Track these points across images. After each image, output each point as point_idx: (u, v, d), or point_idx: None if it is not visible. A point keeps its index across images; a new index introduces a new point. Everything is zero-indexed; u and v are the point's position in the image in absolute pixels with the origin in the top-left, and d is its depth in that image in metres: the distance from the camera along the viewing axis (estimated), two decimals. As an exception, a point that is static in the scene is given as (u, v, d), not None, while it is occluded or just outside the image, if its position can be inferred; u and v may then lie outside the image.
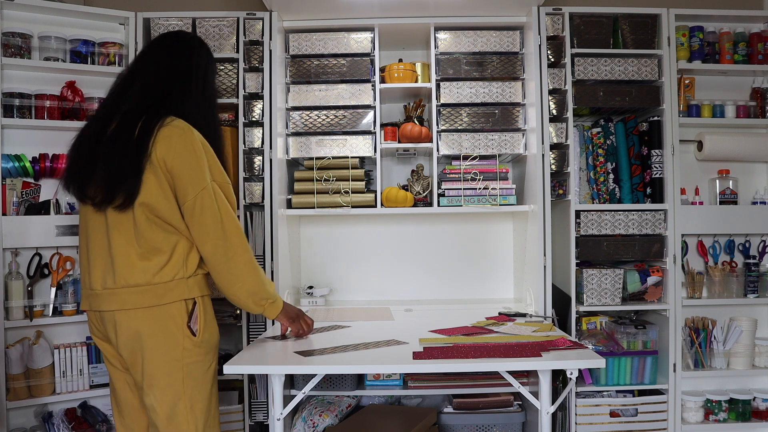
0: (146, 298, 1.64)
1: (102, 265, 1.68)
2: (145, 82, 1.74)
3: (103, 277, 1.67)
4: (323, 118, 2.58)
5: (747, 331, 2.56)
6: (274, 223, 2.45)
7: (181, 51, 1.81)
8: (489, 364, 1.66)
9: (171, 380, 1.66)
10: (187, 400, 1.67)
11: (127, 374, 1.76)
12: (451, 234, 2.89)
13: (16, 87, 2.36)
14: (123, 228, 1.66)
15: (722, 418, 2.53)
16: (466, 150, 2.55)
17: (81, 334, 2.49)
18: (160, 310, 1.65)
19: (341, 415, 2.39)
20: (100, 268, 1.68)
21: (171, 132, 1.66)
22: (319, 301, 2.73)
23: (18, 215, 2.36)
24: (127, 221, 1.65)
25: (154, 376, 1.66)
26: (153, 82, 1.74)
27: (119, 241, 1.66)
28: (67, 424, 2.35)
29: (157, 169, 1.63)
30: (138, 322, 1.65)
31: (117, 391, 1.79)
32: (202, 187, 1.66)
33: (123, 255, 1.65)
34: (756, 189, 2.73)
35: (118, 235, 1.66)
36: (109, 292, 1.66)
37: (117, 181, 1.62)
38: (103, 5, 2.56)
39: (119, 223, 1.66)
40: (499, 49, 2.58)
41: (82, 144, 1.72)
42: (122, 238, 1.65)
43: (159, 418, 1.66)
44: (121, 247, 1.65)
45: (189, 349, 1.67)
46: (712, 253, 2.69)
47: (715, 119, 2.62)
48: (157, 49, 1.82)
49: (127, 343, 1.66)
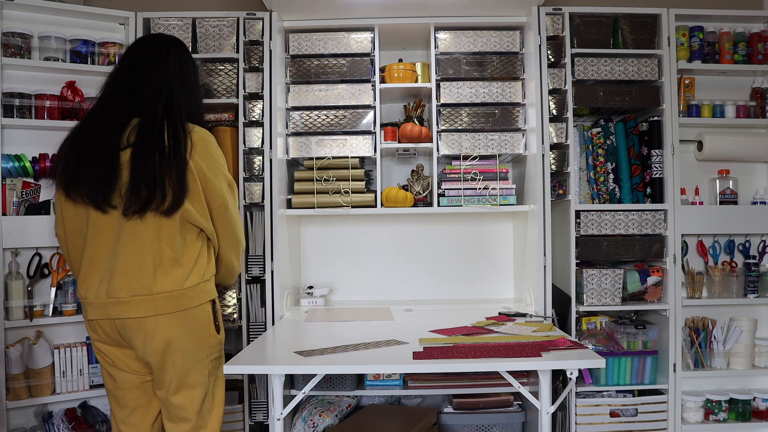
0: (179, 302, 1.69)
1: (126, 273, 1.67)
2: (150, 86, 1.76)
3: (129, 285, 1.66)
4: (323, 118, 2.58)
5: (747, 331, 2.56)
6: (274, 223, 2.45)
7: (172, 53, 1.84)
8: (489, 364, 1.66)
9: (201, 378, 1.75)
10: (211, 394, 1.78)
11: (135, 375, 1.78)
12: (451, 234, 2.90)
13: (16, 87, 2.36)
14: (154, 234, 1.67)
15: (722, 418, 2.53)
16: (466, 150, 2.55)
17: (81, 334, 2.49)
18: (191, 313, 1.71)
19: (341, 415, 2.39)
20: (125, 275, 1.67)
21: (200, 140, 1.74)
22: (319, 301, 2.73)
23: (18, 215, 2.36)
24: (160, 226, 1.67)
25: (188, 376, 1.72)
26: (158, 86, 1.76)
27: (151, 248, 1.67)
28: (67, 424, 2.35)
29: (195, 175, 1.70)
30: (171, 326, 1.68)
31: (122, 391, 1.80)
32: (226, 190, 1.79)
33: (155, 262, 1.67)
34: (756, 189, 2.73)
35: (149, 242, 1.67)
36: (140, 299, 1.66)
37: (158, 188, 1.63)
38: (103, 5, 2.56)
39: (150, 229, 1.67)
40: (499, 49, 2.58)
41: (93, 151, 1.69)
42: (153, 245, 1.67)
43: (190, 414, 1.75)
44: (153, 254, 1.67)
45: (213, 346, 1.78)
46: (712, 253, 2.69)
47: (715, 119, 2.62)
48: (148, 52, 1.83)
49: (158, 348, 1.69)
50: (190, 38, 2.50)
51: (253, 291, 2.46)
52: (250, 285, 2.46)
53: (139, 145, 1.67)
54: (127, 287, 1.66)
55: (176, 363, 1.70)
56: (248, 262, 2.46)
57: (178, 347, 1.69)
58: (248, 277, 2.46)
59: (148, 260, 1.66)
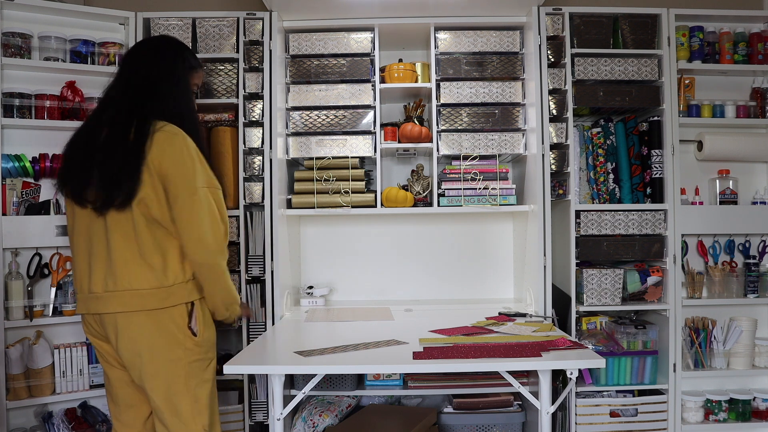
0: (149, 302, 1.68)
1: (103, 268, 1.70)
2: (127, 88, 1.80)
3: (104, 280, 1.69)
4: (323, 118, 2.58)
5: (747, 331, 2.56)
6: (274, 223, 2.45)
7: (154, 55, 1.86)
8: (489, 364, 1.66)
9: (173, 380, 1.71)
10: (191, 398, 1.73)
11: (124, 372, 1.79)
12: (451, 234, 2.90)
13: (16, 87, 2.36)
14: (123, 230, 1.69)
15: (722, 418, 2.53)
16: (466, 150, 2.55)
17: (81, 334, 2.49)
18: (163, 313, 1.69)
19: (341, 415, 2.39)
20: (101, 270, 1.70)
21: (165, 136, 1.71)
22: (319, 301, 2.73)
23: (18, 215, 2.36)
24: (127, 223, 1.68)
25: (156, 377, 1.70)
26: (136, 85, 1.79)
27: (120, 244, 1.68)
28: (67, 424, 2.35)
29: (152, 172, 1.68)
30: (139, 324, 1.68)
31: (114, 388, 1.82)
32: (192, 192, 1.70)
33: (124, 258, 1.68)
34: (756, 189, 2.73)
35: (118, 238, 1.68)
36: (110, 294, 1.68)
37: (116, 183, 1.65)
38: (103, 5, 2.56)
39: (119, 225, 1.69)
40: (499, 49, 2.58)
41: (76, 149, 1.76)
42: (123, 241, 1.68)
43: (166, 417, 1.71)
44: (122, 250, 1.68)
45: (190, 349, 1.73)
46: (712, 253, 2.69)
47: (715, 119, 2.62)
48: (134, 57, 1.87)
49: (127, 345, 1.69)
50: (190, 38, 2.50)
51: (253, 291, 2.46)
52: (250, 285, 2.46)
53: (104, 143, 1.71)
54: (102, 282, 1.70)
55: (145, 361, 1.69)
56: (248, 262, 2.46)
57: (148, 346, 1.69)
58: (248, 277, 2.46)
59: (116, 256, 1.68)
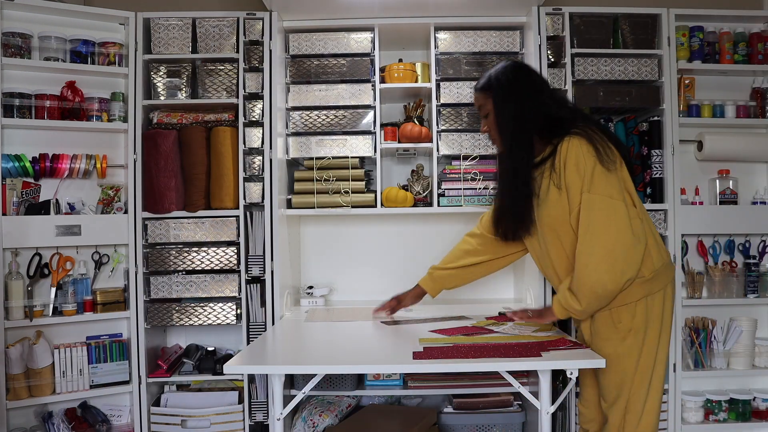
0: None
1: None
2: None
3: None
4: (323, 118, 2.58)
5: (747, 331, 2.56)
6: (274, 223, 2.45)
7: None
8: (489, 364, 1.66)
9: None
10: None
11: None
12: (451, 234, 2.89)
13: (16, 87, 2.36)
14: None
15: (722, 418, 2.53)
16: (466, 150, 2.55)
17: (81, 334, 2.49)
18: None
19: (341, 415, 2.39)
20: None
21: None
22: (319, 301, 2.73)
23: (18, 215, 2.36)
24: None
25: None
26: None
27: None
28: (67, 424, 2.35)
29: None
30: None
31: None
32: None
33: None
34: (756, 189, 2.73)
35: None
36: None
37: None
38: (103, 5, 2.56)
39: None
40: (499, 49, 2.58)
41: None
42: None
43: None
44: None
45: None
46: (712, 253, 2.69)
47: (715, 119, 2.62)
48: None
49: None
50: (190, 38, 2.50)
51: (253, 291, 2.46)
52: (250, 285, 2.46)
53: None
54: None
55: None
56: (248, 262, 2.46)
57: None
58: (248, 277, 2.47)
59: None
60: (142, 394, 2.44)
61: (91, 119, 2.47)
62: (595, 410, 1.91)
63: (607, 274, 1.65)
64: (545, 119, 1.79)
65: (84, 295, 2.45)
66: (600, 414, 1.89)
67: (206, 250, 2.47)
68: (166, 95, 2.52)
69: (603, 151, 1.69)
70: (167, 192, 2.44)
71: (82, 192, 2.54)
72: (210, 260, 2.47)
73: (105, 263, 2.56)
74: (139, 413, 2.44)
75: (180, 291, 2.47)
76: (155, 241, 2.48)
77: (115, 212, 2.51)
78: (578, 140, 1.70)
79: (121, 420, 2.50)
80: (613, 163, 1.70)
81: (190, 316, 2.47)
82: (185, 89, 2.52)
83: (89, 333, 2.50)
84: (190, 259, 2.47)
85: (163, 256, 2.47)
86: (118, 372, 2.47)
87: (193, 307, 2.47)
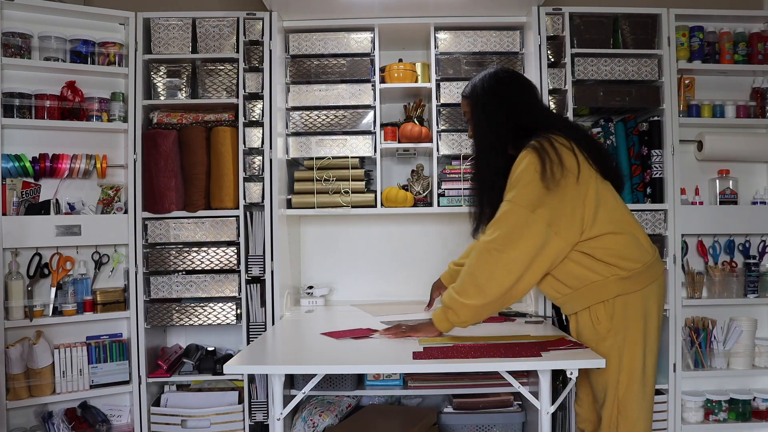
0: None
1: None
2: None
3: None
4: (323, 118, 2.58)
5: (747, 331, 2.56)
6: (274, 223, 2.45)
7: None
8: (489, 364, 1.66)
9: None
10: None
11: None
12: (451, 234, 2.89)
13: (16, 87, 2.36)
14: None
15: (722, 418, 2.53)
16: (466, 150, 2.55)
17: (81, 334, 2.49)
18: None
19: (341, 415, 2.39)
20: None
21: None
22: (318, 301, 2.73)
23: (18, 215, 2.36)
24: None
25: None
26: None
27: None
28: (67, 424, 2.35)
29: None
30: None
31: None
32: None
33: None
34: (756, 189, 2.73)
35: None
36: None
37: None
38: (103, 5, 2.56)
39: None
40: (499, 49, 2.58)
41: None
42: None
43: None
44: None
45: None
46: (712, 253, 2.69)
47: (715, 119, 2.62)
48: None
49: None
50: (190, 38, 2.50)
51: (253, 291, 2.46)
52: (250, 285, 2.46)
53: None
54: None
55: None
56: (248, 262, 2.46)
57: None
58: (248, 277, 2.47)
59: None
60: (142, 394, 2.44)
61: (91, 119, 2.47)
62: (589, 410, 1.91)
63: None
64: (517, 129, 1.79)
65: (84, 295, 2.45)
66: (595, 414, 1.88)
67: (206, 250, 2.47)
68: (166, 95, 2.52)
69: (549, 168, 1.65)
70: (167, 192, 2.45)
71: (82, 192, 2.54)
72: (210, 260, 2.47)
73: (105, 263, 2.56)
74: (139, 413, 2.44)
75: (180, 291, 2.47)
76: (155, 241, 2.48)
77: (115, 212, 2.51)
78: (527, 153, 1.70)
79: (121, 420, 2.50)
80: (556, 182, 1.64)
81: (190, 316, 2.47)
82: (185, 89, 2.52)
83: (89, 333, 2.50)
84: (190, 259, 2.47)
85: (163, 256, 2.48)
86: (118, 372, 2.47)
87: (193, 307, 2.47)
